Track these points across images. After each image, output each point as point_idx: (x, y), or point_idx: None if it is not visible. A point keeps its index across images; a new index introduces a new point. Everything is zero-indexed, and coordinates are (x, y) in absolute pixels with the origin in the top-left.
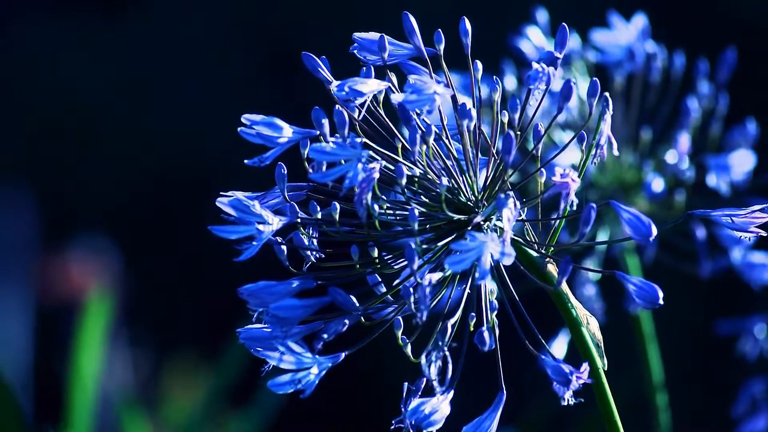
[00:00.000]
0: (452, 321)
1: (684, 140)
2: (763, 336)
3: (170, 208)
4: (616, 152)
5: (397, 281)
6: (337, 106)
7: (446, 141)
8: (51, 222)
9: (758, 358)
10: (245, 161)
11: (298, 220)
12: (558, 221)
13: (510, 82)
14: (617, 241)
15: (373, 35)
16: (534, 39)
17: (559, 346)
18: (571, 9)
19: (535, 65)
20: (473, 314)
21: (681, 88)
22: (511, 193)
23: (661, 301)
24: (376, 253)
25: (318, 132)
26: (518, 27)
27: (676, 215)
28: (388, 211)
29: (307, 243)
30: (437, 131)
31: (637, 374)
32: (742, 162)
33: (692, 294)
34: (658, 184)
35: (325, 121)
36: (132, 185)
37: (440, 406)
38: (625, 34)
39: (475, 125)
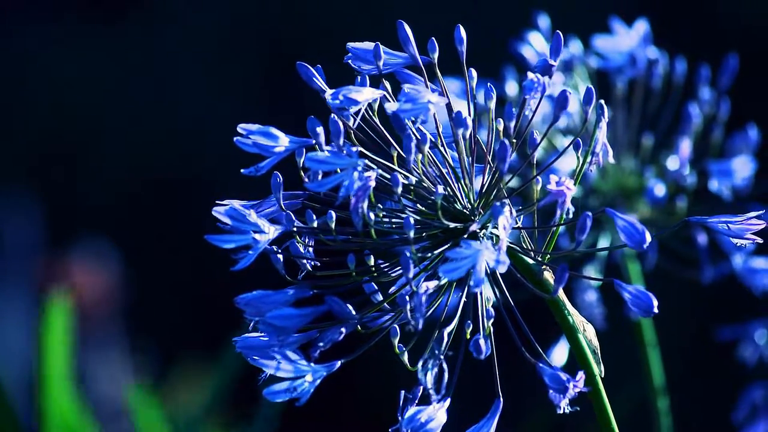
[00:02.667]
0: (449, 329)
1: (685, 146)
2: (763, 342)
3: (171, 210)
4: (611, 159)
5: (393, 289)
6: (332, 114)
7: (442, 149)
8: (54, 226)
9: (758, 363)
10: (242, 171)
11: (294, 229)
12: (554, 229)
13: (512, 87)
14: (615, 248)
15: (368, 45)
16: (536, 44)
17: (559, 353)
18: (572, 14)
19: (530, 75)
20: (470, 322)
21: (682, 93)
22: (507, 200)
23: (655, 310)
24: (372, 262)
25: (314, 141)
26: (520, 32)
27: (677, 221)
28: (383, 220)
29: (303, 252)
30: (432, 139)
31: (638, 383)
32: (743, 167)
33: (693, 299)
34: (660, 190)
35: (321, 130)
36: (133, 188)
37: (437, 414)
38: (626, 40)
39: (470, 133)
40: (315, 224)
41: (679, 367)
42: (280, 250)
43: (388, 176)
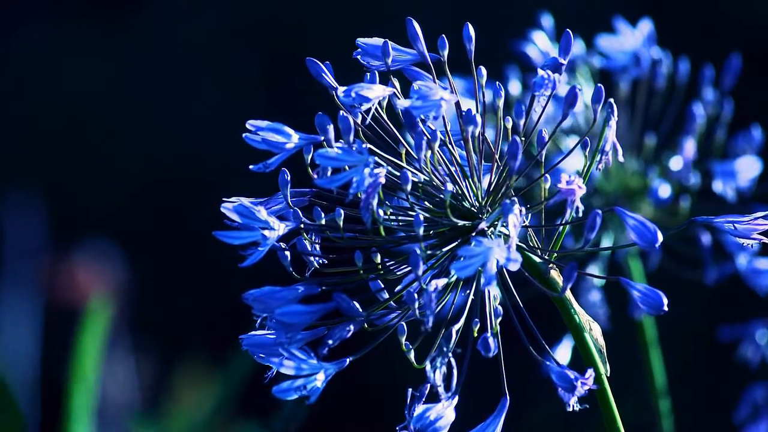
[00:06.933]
0: (456, 327)
1: (689, 146)
2: (764, 341)
3: (175, 211)
4: (621, 158)
5: (400, 287)
6: (342, 111)
7: (450, 147)
8: (57, 227)
9: (760, 363)
10: (250, 167)
11: (302, 226)
12: (562, 227)
13: (514, 87)
14: (621, 247)
15: (377, 40)
16: (540, 44)
17: (563, 352)
18: (576, 14)
19: (540, 72)
20: (477, 320)
21: (686, 94)
22: (516, 198)
23: (665, 308)
24: (378, 259)
25: (323, 138)
26: (523, 32)
27: (681, 221)
28: (392, 217)
29: (310, 249)
30: (442, 137)
31: (640, 384)
32: (748, 168)
33: (695, 299)
34: (664, 190)
35: (330, 127)
36: (136, 189)
37: (445, 412)
38: (630, 40)
39: (479, 131)
40: (323, 221)
41: (680, 366)
42: (287, 247)
43: (397, 173)
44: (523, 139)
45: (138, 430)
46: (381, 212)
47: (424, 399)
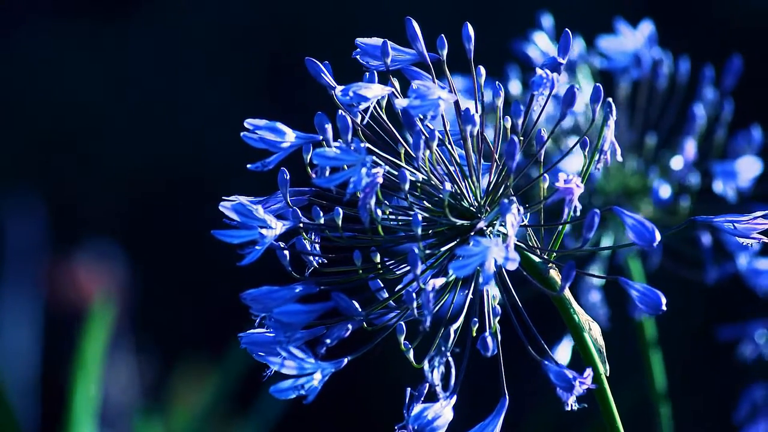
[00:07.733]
0: (455, 326)
1: (690, 146)
2: (763, 341)
3: (175, 212)
4: (620, 158)
5: (399, 286)
6: (340, 111)
7: (449, 146)
8: (57, 228)
9: (759, 363)
10: (248, 166)
11: (301, 225)
12: (561, 227)
13: (515, 87)
14: (620, 246)
15: (376, 40)
16: (540, 44)
17: (563, 352)
18: (577, 15)
19: (539, 71)
20: (476, 319)
21: (686, 94)
22: (514, 198)
23: (664, 308)
24: (378, 259)
25: (321, 137)
26: (524, 32)
27: (680, 221)
28: (390, 217)
29: (309, 248)
30: (440, 136)
31: (639, 381)
32: (748, 168)
33: (695, 299)
34: (665, 191)
35: (328, 126)
36: (136, 189)
37: (443, 411)
38: (631, 41)
39: (478, 130)
40: (321, 221)
41: (680, 366)
42: (286, 246)
43: (396, 173)
44: (521, 138)
45: (141, 426)
46: (379, 212)
47: (422, 398)
